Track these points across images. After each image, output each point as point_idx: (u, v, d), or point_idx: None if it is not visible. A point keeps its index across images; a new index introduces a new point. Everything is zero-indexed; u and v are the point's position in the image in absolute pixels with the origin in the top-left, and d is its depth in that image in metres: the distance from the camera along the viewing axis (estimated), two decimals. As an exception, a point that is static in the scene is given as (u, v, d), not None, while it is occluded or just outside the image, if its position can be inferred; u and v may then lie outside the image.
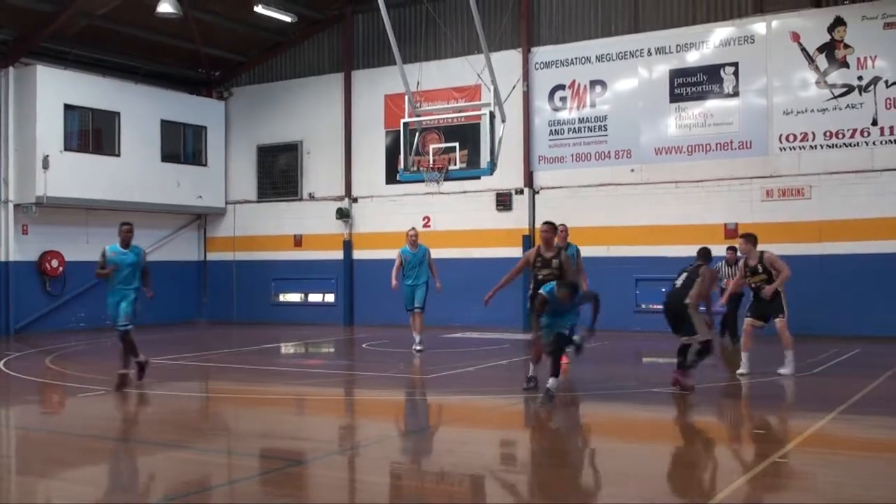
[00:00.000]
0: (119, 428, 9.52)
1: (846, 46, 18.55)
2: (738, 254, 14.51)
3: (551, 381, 9.96)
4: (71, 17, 20.94)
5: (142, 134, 23.45)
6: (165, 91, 24.73)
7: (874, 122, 18.22)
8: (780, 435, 8.49)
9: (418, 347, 15.76)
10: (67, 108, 21.65)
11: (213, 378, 14.02)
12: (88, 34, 22.33)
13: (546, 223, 11.70)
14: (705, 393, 10.91)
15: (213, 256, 26.18)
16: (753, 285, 12.54)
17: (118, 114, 22.87)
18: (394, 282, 15.78)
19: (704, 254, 11.42)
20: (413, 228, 16.41)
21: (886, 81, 18.15)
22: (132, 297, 11.46)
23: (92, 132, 22.69)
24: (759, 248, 12.67)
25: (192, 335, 21.47)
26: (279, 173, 25.49)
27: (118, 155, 22.90)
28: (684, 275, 11.02)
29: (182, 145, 25.21)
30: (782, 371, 12.16)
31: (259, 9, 22.45)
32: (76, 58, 22.76)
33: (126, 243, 11.53)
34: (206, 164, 25.54)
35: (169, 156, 24.41)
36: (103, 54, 23.29)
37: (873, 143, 18.25)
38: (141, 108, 23.44)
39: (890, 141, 18.08)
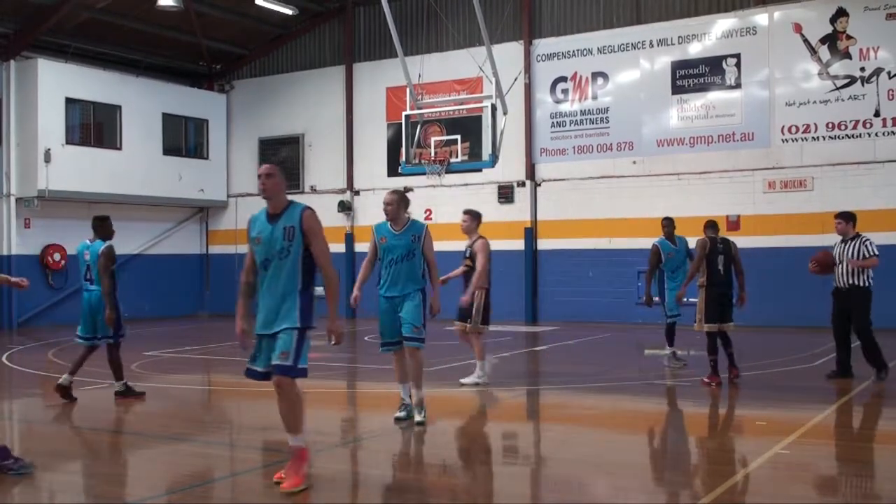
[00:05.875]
0: (121, 420, 9.53)
1: (848, 37, 18.51)
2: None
3: None
4: (71, 10, 20.93)
5: (143, 127, 23.46)
6: (167, 84, 24.73)
7: (876, 114, 18.19)
8: (781, 426, 8.47)
9: (419, 418, 8.48)
10: (69, 101, 21.67)
11: (214, 371, 14.03)
12: (89, 27, 22.32)
13: None
14: (703, 385, 10.91)
15: (215, 249, 26.19)
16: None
17: (119, 107, 22.89)
18: (355, 291, 8.60)
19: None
20: (391, 192, 9.01)
21: (889, 72, 18.12)
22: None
23: (93, 125, 22.71)
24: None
25: (194, 328, 21.47)
26: (280, 166, 25.37)
27: (119, 148, 22.92)
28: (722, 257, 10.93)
29: (184, 138, 25.23)
30: (465, 381, 10.88)
31: (260, 1, 22.45)
32: (77, 51, 22.78)
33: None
34: (207, 158, 25.54)
35: (170, 149, 24.41)
36: (104, 47, 23.30)
37: (875, 135, 18.22)
38: (142, 102, 23.45)
39: (892, 132, 18.06)
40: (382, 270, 8.39)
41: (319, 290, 6.15)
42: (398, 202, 8.39)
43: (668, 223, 12.61)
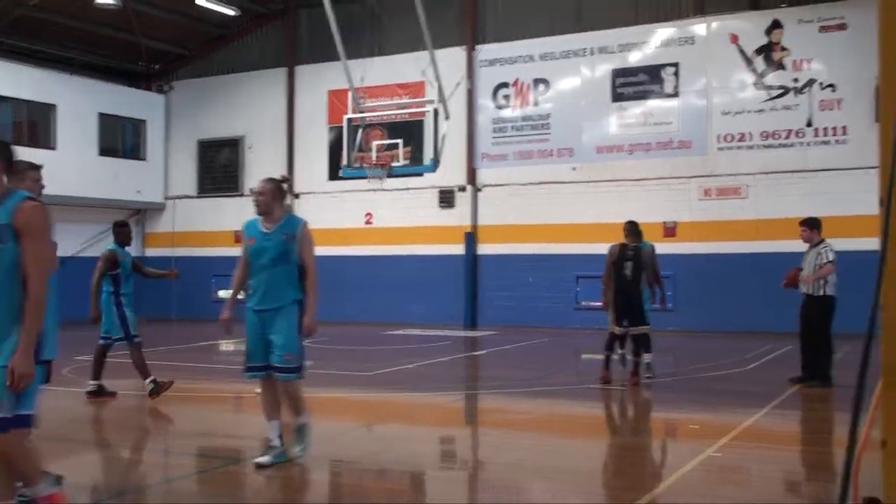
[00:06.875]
0: (52, 427, 9.29)
1: (783, 49, 18.95)
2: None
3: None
4: (3, 5, 20.46)
5: (79, 127, 23.01)
6: (104, 84, 24.31)
7: (808, 124, 18.64)
8: (713, 430, 8.64)
9: (297, 450, 7.00)
10: (0, 99, 21.14)
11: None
12: (22, 24, 21.84)
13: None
14: (641, 388, 11.05)
15: (151, 252, 25.75)
16: None
17: (54, 106, 22.41)
18: (224, 312, 6.95)
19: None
20: (265, 181, 6.99)
21: (821, 84, 18.57)
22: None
23: (27, 124, 22.21)
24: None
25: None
26: (220, 168, 25.21)
27: (54, 148, 22.43)
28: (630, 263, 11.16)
29: (121, 139, 24.84)
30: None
31: (201, 1, 22.17)
32: (9, 48, 22.25)
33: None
34: (145, 159, 25.16)
35: (107, 149, 24.00)
36: (38, 45, 22.81)
37: (807, 144, 18.67)
38: (78, 101, 23.00)
39: (824, 142, 18.52)
40: (251, 278, 6.83)
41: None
42: (273, 192, 6.80)
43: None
